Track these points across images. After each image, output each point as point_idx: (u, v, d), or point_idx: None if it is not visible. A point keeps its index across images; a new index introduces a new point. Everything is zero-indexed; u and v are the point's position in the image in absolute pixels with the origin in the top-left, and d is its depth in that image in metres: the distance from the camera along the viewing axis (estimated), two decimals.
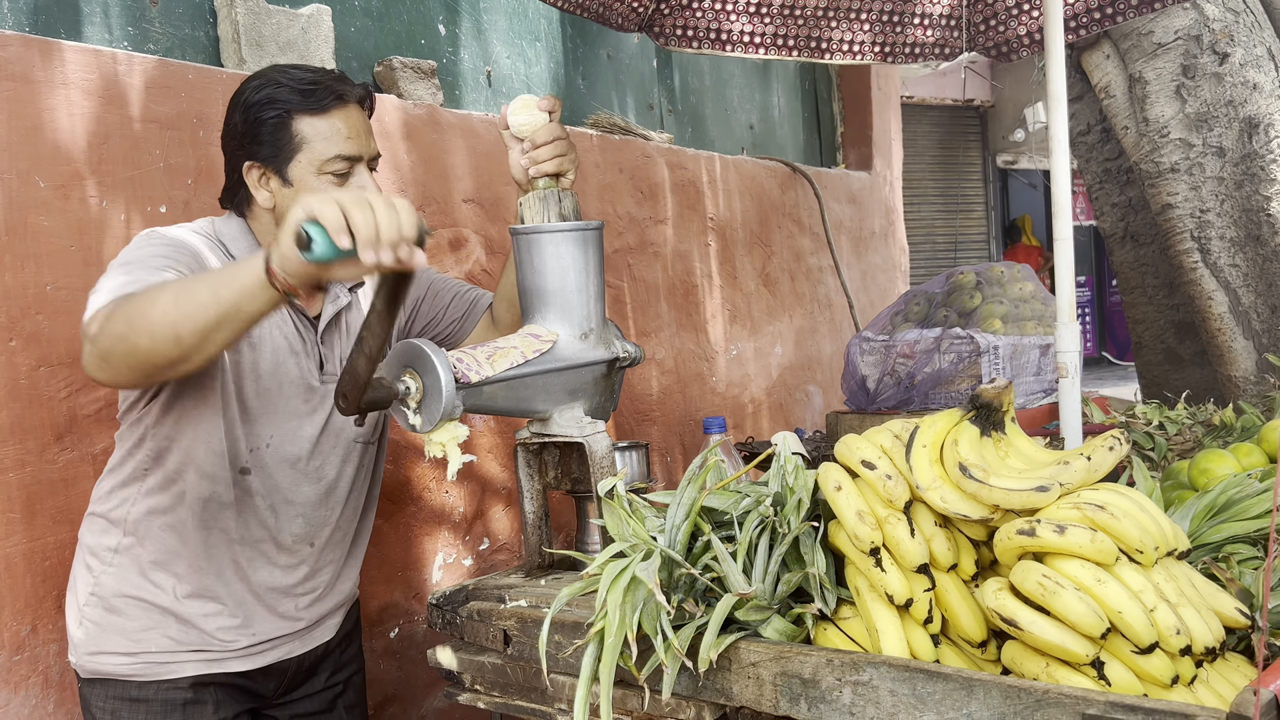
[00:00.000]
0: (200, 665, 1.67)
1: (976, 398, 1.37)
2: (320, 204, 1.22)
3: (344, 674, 1.90)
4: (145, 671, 1.65)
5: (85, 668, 1.67)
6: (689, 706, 1.43)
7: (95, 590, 1.66)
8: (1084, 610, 1.15)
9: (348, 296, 1.78)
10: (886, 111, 4.95)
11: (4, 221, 1.83)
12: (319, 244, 1.22)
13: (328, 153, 1.61)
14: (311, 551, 1.76)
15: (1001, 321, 2.72)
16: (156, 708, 1.65)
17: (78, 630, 1.67)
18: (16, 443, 1.84)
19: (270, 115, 1.59)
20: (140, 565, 1.65)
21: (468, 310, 1.93)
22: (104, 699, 1.65)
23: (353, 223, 1.21)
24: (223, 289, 1.31)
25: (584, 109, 3.42)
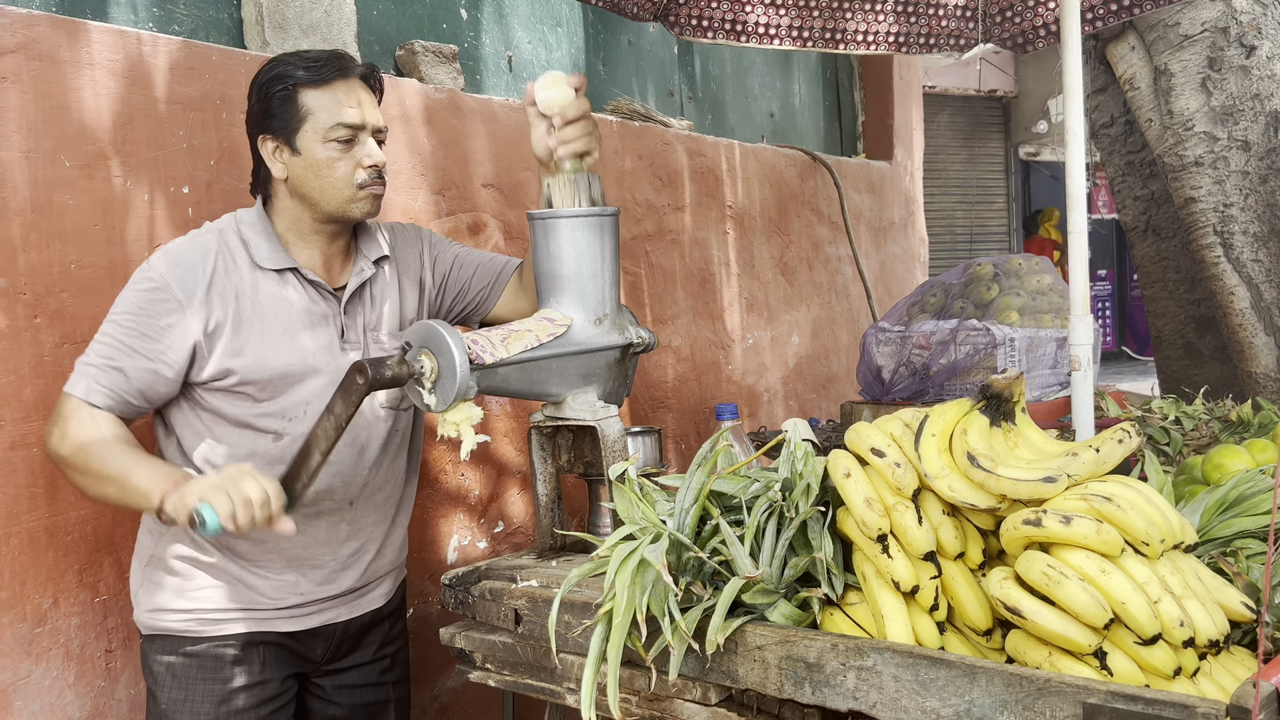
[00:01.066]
0: (250, 623, 1.75)
1: (987, 388, 1.38)
2: (212, 491, 1.51)
3: (391, 648, 1.96)
4: (198, 628, 1.74)
5: (145, 624, 1.77)
6: (695, 687, 1.45)
7: (155, 552, 1.77)
8: (1087, 600, 1.16)
9: (371, 269, 1.83)
10: (908, 101, 4.93)
11: (30, 200, 1.86)
12: (210, 524, 1.50)
13: (331, 121, 1.71)
14: (350, 511, 1.82)
15: (1018, 314, 2.71)
16: (209, 663, 1.73)
17: (140, 589, 1.78)
18: (40, 419, 1.87)
19: (279, 89, 1.71)
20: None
21: (494, 278, 1.98)
22: (160, 653, 1.75)
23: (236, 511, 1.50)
24: (126, 499, 1.61)
25: (604, 95, 3.43)
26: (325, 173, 1.71)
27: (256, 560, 1.76)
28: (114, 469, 1.60)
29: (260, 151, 1.75)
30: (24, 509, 1.85)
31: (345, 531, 1.82)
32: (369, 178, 1.73)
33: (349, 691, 1.89)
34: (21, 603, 1.85)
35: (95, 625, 1.95)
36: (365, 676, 1.91)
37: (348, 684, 1.89)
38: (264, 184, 1.79)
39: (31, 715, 1.86)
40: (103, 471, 1.60)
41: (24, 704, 1.85)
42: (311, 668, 1.86)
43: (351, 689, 1.89)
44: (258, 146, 1.75)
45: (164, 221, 2.05)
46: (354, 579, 1.84)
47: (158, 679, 1.75)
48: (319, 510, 1.78)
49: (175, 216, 2.06)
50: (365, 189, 1.73)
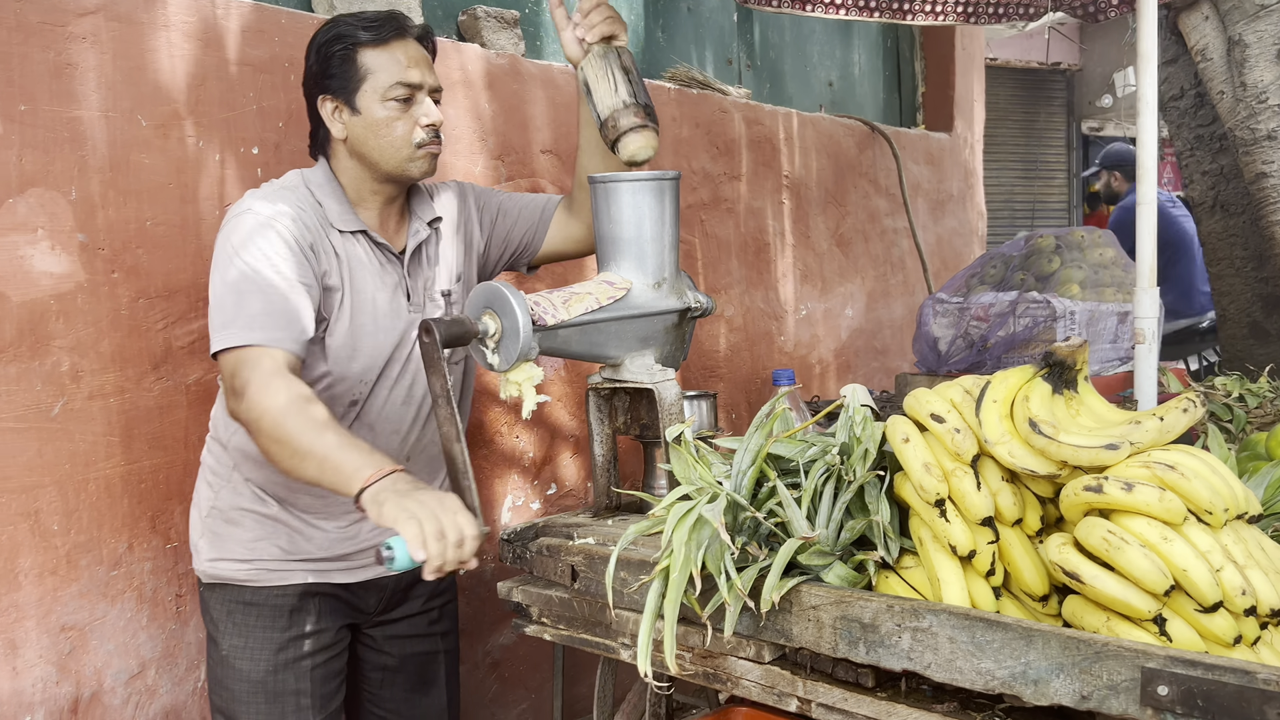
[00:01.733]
0: (307, 574, 1.80)
1: (1050, 355, 1.37)
2: (407, 527, 1.40)
3: (439, 600, 2.00)
4: (258, 578, 1.79)
5: (206, 573, 1.82)
6: (749, 645, 1.47)
7: (215, 504, 1.82)
8: (1148, 566, 1.16)
9: (426, 230, 1.86)
10: (970, 72, 4.84)
11: (108, 158, 1.92)
12: (400, 559, 1.42)
13: (390, 80, 1.73)
14: (405, 465, 1.84)
15: (1080, 287, 2.67)
16: (267, 612, 1.79)
17: (200, 540, 1.83)
18: (116, 370, 1.94)
19: (338, 49, 1.74)
20: (250, 483, 1.80)
21: (538, 218, 2.02)
22: (221, 602, 1.81)
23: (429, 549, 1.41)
24: (324, 475, 1.50)
25: (662, 62, 3.42)
26: (384, 132, 1.74)
27: (314, 513, 1.81)
28: (316, 445, 1.49)
29: (320, 112, 1.77)
30: (101, 456, 1.92)
31: None
32: (427, 136, 1.76)
33: (399, 642, 1.94)
34: (99, 546, 1.92)
35: (167, 570, 2.02)
36: (414, 627, 1.96)
37: (398, 634, 1.95)
38: (323, 145, 1.82)
39: (107, 654, 1.94)
40: (301, 446, 1.50)
41: (99, 643, 1.93)
42: (364, 619, 1.91)
43: (402, 639, 1.95)
44: (317, 107, 1.77)
45: (234, 181, 2.10)
46: None
47: (218, 626, 1.80)
48: None
49: (245, 176, 2.11)
50: (423, 148, 1.76)
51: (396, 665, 1.95)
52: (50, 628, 1.86)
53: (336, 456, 1.48)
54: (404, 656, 1.95)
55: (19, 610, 1.82)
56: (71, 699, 1.89)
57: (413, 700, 1.96)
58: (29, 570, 1.84)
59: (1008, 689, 1.20)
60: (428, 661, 1.98)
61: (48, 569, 1.86)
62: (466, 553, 1.44)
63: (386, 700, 1.96)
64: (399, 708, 1.96)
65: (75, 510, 1.89)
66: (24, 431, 1.82)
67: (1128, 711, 1.11)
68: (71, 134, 1.87)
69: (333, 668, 1.84)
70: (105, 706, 1.94)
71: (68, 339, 1.87)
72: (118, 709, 1.96)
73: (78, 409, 1.89)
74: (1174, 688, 1.07)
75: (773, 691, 1.46)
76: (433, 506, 1.42)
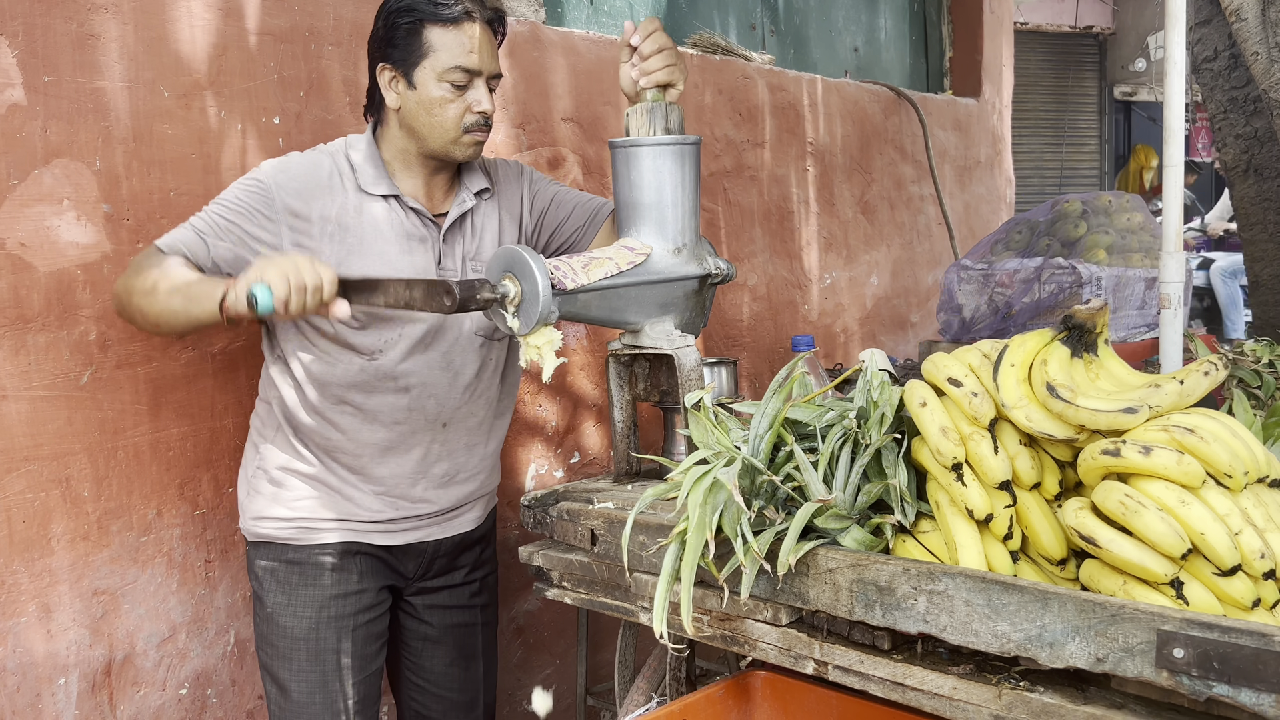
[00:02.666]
0: (347, 534, 1.85)
1: (1069, 318, 1.36)
2: (272, 271, 1.54)
3: (481, 572, 2.04)
4: (300, 536, 1.83)
5: (251, 531, 1.88)
6: (766, 608, 1.48)
7: (260, 464, 1.87)
8: (1165, 530, 1.15)
9: (473, 200, 1.87)
10: (998, 36, 4.77)
11: (132, 129, 1.93)
12: (263, 304, 1.54)
13: (449, 62, 1.73)
14: (445, 434, 1.89)
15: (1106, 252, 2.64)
16: (309, 570, 1.83)
17: (247, 499, 1.89)
18: (143, 340, 1.96)
19: (405, 21, 1.73)
20: (293, 443, 1.84)
21: (590, 219, 2.01)
22: (265, 560, 1.86)
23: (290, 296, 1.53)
24: (191, 307, 1.62)
25: (685, 28, 3.39)
26: (436, 111, 1.74)
27: (354, 472, 1.84)
28: (180, 280, 1.64)
29: (378, 79, 1.79)
30: (129, 424, 1.95)
31: (437, 452, 1.89)
32: (475, 123, 1.77)
33: (440, 612, 1.97)
34: (128, 512, 1.96)
35: (195, 536, 2.06)
36: (455, 598, 1.99)
37: (439, 604, 1.98)
38: (377, 108, 1.84)
39: (138, 618, 1.98)
40: (169, 285, 1.63)
41: (131, 607, 1.97)
42: (404, 583, 1.94)
43: (443, 609, 1.98)
44: (375, 73, 1.79)
45: (255, 151, 2.11)
46: (445, 500, 1.91)
47: (262, 583, 1.85)
48: (413, 429, 1.85)
49: (266, 146, 2.12)
50: (470, 134, 1.77)
51: (438, 636, 1.98)
52: (83, 592, 1.91)
53: (200, 283, 1.63)
54: (445, 627, 1.98)
55: (52, 575, 1.87)
56: (105, 661, 1.94)
57: (452, 673, 2.00)
58: (61, 536, 1.88)
59: (1023, 651, 1.20)
60: (468, 634, 2.02)
61: (79, 534, 1.90)
62: (327, 295, 1.56)
63: (427, 670, 1.99)
64: (439, 679, 1.99)
65: (105, 477, 1.93)
66: (54, 400, 1.85)
67: (1143, 674, 1.11)
68: (95, 105, 1.88)
69: (374, 629, 1.87)
70: (138, 669, 1.98)
71: (95, 308, 1.90)
72: (149, 671, 2.00)
73: (106, 378, 1.92)
74: (1190, 650, 1.07)
75: (790, 654, 1.47)
76: (291, 258, 1.56)
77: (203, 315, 1.61)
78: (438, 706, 2.00)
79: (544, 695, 1.85)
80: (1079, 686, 1.23)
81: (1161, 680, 1.09)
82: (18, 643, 1.83)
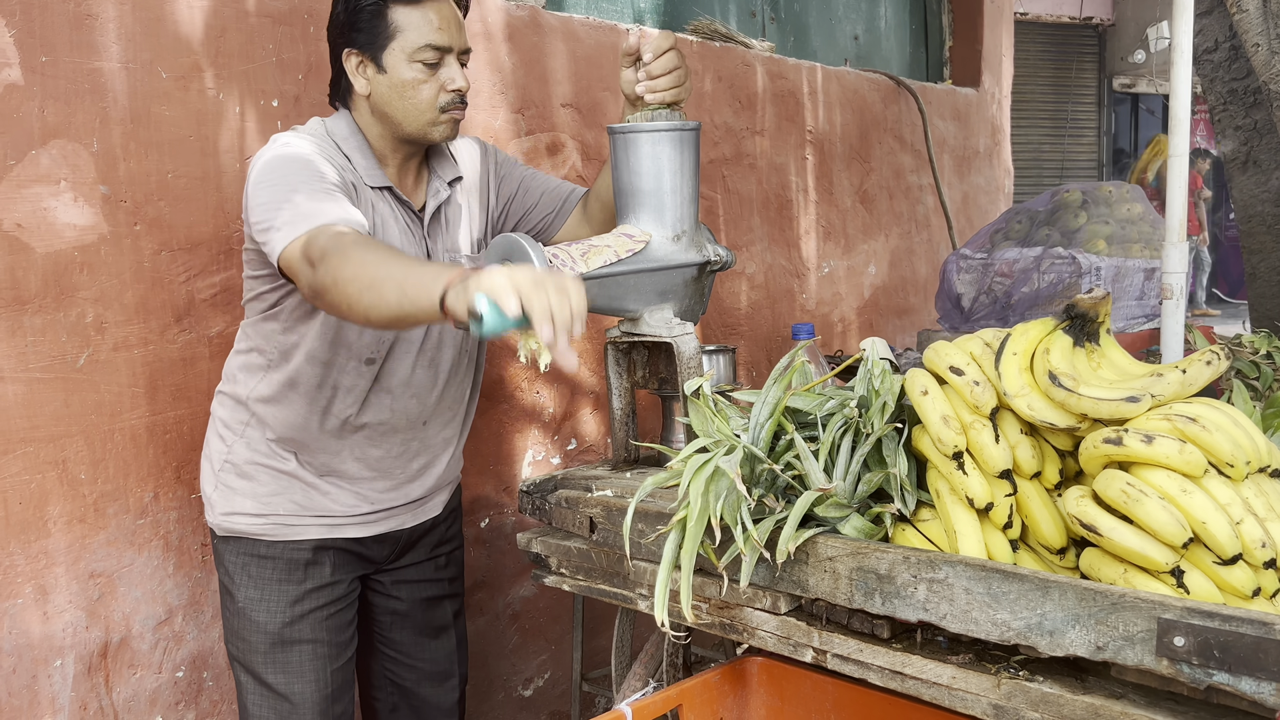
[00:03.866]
0: (321, 530, 1.82)
1: (1072, 307, 1.36)
2: (499, 285, 1.25)
3: (446, 548, 2.04)
4: (272, 532, 1.81)
5: (220, 526, 1.84)
6: (765, 596, 1.48)
7: (229, 458, 1.82)
8: (1166, 519, 1.15)
9: (446, 190, 1.85)
10: (999, 26, 4.75)
11: (130, 110, 1.92)
12: (489, 320, 1.26)
13: (419, 41, 1.69)
14: (423, 431, 1.88)
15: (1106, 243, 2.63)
16: (281, 565, 1.81)
17: (214, 493, 1.84)
18: (140, 322, 1.95)
19: (368, 3, 1.69)
20: (266, 439, 1.81)
21: (559, 206, 1.99)
22: (235, 554, 1.82)
23: (528, 303, 1.24)
24: (406, 301, 1.36)
25: (685, 14, 3.37)
26: (409, 94, 1.71)
27: (331, 469, 1.82)
28: (391, 267, 1.39)
29: (344, 65, 1.74)
30: (126, 407, 1.94)
31: (416, 447, 1.88)
32: (451, 101, 1.73)
33: (407, 586, 1.98)
34: (125, 495, 1.95)
35: (192, 520, 2.05)
36: (422, 573, 2.00)
37: (406, 579, 1.98)
38: (344, 96, 1.79)
39: (135, 600, 1.98)
40: (379, 271, 1.39)
41: (127, 590, 1.97)
42: (374, 568, 1.94)
43: (410, 584, 1.98)
44: (341, 58, 1.74)
45: (254, 134, 2.10)
46: (419, 490, 1.91)
47: (233, 578, 1.82)
48: (394, 427, 1.84)
49: (265, 129, 2.11)
50: (447, 113, 1.74)
51: (405, 610, 1.98)
52: (79, 574, 1.90)
53: (415, 269, 1.38)
54: (413, 601, 1.98)
55: (49, 557, 1.86)
56: (101, 644, 1.94)
57: (422, 643, 2.00)
58: (58, 518, 1.87)
59: (1023, 640, 1.20)
60: (434, 605, 2.02)
61: (76, 516, 1.89)
62: (576, 302, 1.27)
63: (397, 643, 2.00)
64: (409, 650, 2.00)
65: (102, 460, 1.92)
66: (50, 382, 1.84)
67: (1143, 662, 1.11)
68: (92, 85, 1.87)
69: (345, 617, 1.87)
70: (134, 651, 1.98)
71: (92, 290, 1.88)
72: (146, 654, 2.00)
73: (103, 360, 1.91)
74: (1190, 639, 1.07)
75: (788, 642, 1.47)
76: (531, 275, 1.27)
77: (418, 313, 1.36)
78: (410, 676, 2.01)
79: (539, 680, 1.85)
80: (1078, 676, 1.23)
81: (1162, 668, 1.09)
82: (14, 624, 1.82)
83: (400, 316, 1.38)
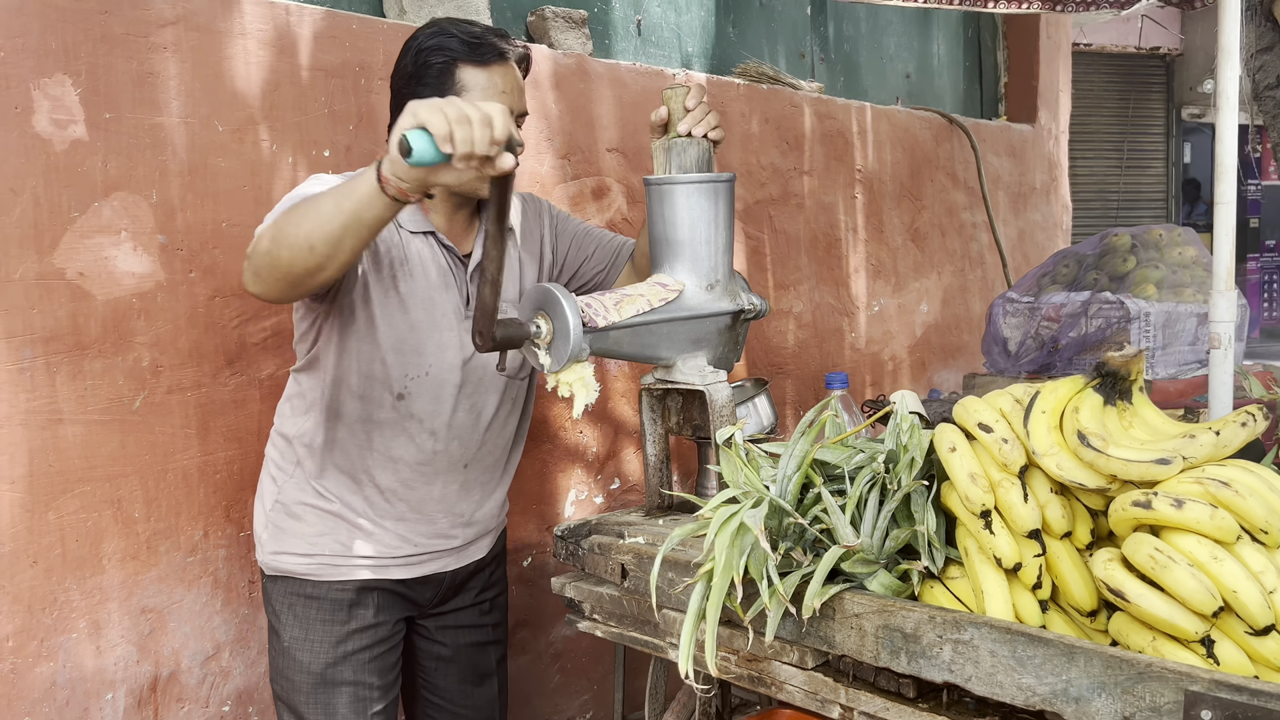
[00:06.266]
0: (367, 570, 1.86)
1: (1102, 365, 1.34)
2: (427, 112, 1.32)
3: (491, 593, 2.06)
4: (319, 572, 1.84)
5: (269, 565, 1.88)
6: (793, 650, 1.47)
7: (279, 498, 1.87)
8: (1195, 586, 1.13)
9: None
10: (1055, 61, 4.71)
11: (187, 162, 2.00)
12: (418, 149, 1.32)
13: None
14: (465, 473, 1.91)
15: (1156, 287, 2.58)
16: (327, 605, 1.84)
17: (264, 532, 1.88)
18: (194, 366, 2.02)
19: (437, 60, 1.74)
20: (314, 479, 1.85)
21: (612, 260, 2.03)
22: (283, 594, 1.86)
23: (454, 135, 1.31)
24: (344, 200, 1.44)
25: (733, 58, 3.41)
26: None
27: (376, 511, 1.85)
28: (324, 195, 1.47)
29: None
30: (179, 447, 2.01)
31: (457, 491, 1.91)
32: None
33: (452, 632, 2.00)
34: (176, 533, 2.02)
35: (240, 558, 2.11)
36: (467, 618, 2.01)
37: (451, 625, 2.00)
38: None
39: (184, 636, 2.03)
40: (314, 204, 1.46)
41: (177, 625, 2.02)
42: (419, 611, 1.96)
43: (455, 629, 2.00)
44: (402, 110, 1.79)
45: None
46: (463, 534, 1.93)
47: (279, 617, 1.86)
48: (437, 470, 1.87)
49: None
50: None
51: (450, 655, 2.00)
52: (131, 610, 1.96)
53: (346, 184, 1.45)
54: (457, 647, 2.00)
55: (103, 592, 1.93)
56: (151, 678, 1.99)
57: (466, 690, 2.02)
58: (112, 555, 1.94)
59: (1049, 706, 1.18)
60: (479, 652, 2.04)
61: (129, 554, 1.96)
62: (499, 130, 1.33)
63: (440, 689, 2.01)
64: (453, 696, 2.01)
65: (155, 499, 1.98)
66: (108, 423, 1.92)
67: None
68: (153, 140, 1.95)
69: (389, 660, 1.89)
70: (182, 685, 2.04)
71: (148, 335, 1.96)
72: (194, 689, 2.05)
73: (157, 402, 1.98)
74: (1218, 712, 1.05)
75: (816, 698, 1.46)
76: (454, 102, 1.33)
77: (360, 205, 1.42)
78: None
79: None
80: None
81: None
82: (69, 658, 1.89)
83: (344, 218, 1.43)
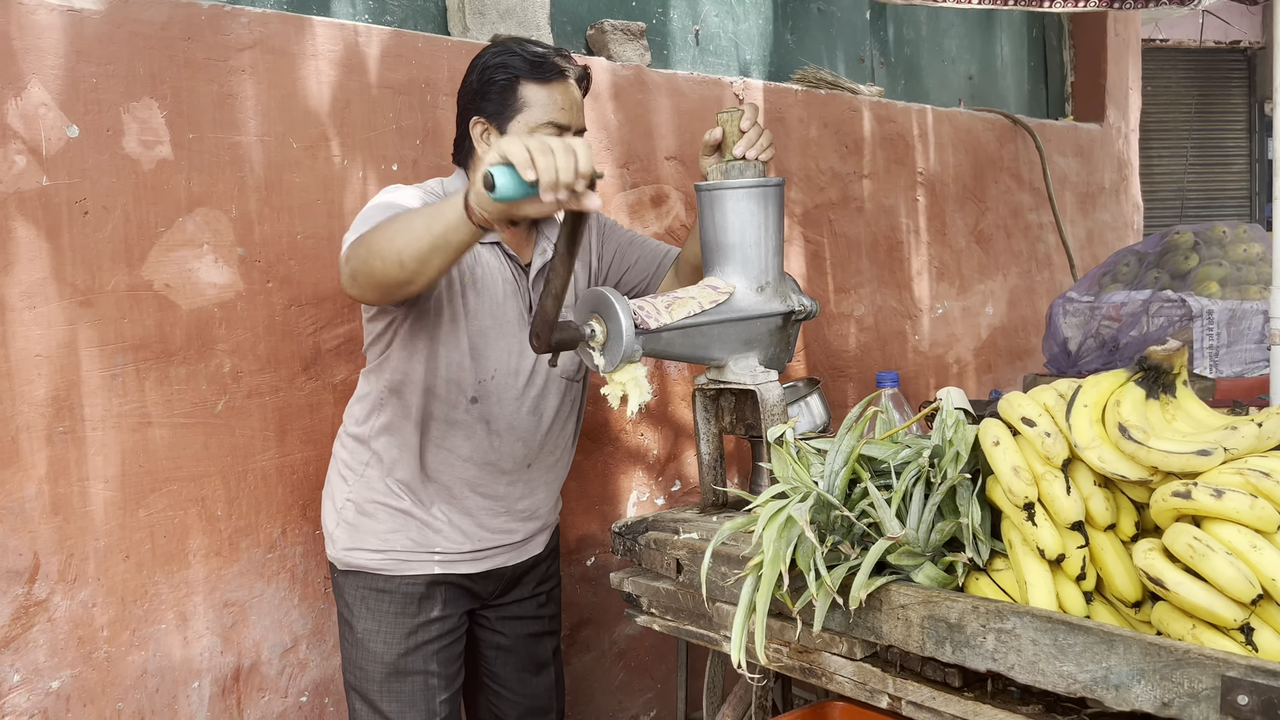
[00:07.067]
0: (436, 566, 1.95)
1: (1145, 359, 1.35)
2: (509, 145, 1.39)
3: (546, 586, 2.14)
4: (390, 567, 1.93)
5: (341, 560, 1.97)
6: (841, 641, 1.51)
7: (350, 497, 1.97)
8: (1234, 575, 1.14)
9: (553, 249, 1.95)
10: (1124, 58, 4.64)
11: (264, 178, 2.11)
12: (501, 185, 1.39)
13: (542, 118, 1.82)
14: (528, 473, 2.00)
15: (1219, 285, 2.54)
16: (398, 599, 1.93)
17: (336, 529, 1.98)
18: (271, 371, 2.13)
19: (501, 78, 1.83)
20: (385, 478, 1.94)
21: (655, 268, 2.10)
22: (355, 588, 1.95)
23: (536, 164, 1.37)
24: (434, 223, 1.53)
25: (791, 64, 3.44)
26: None
27: (443, 509, 1.94)
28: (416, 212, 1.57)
29: (470, 130, 1.88)
30: (258, 449, 2.12)
31: (521, 490, 1.99)
32: None
33: (512, 623, 2.08)
34: (256, 530, 2.13)
35: (316, 555, 2.21)
36: (526, 610, 2.10)
37: (510, 616, 2.08)
38: (465, 158, 1.94)
39: (264, 629, 2.14)
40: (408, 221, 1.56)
41: (258, 618, 2.13)
42: (480, 603, 2.05)
43: (514, 620, 2.09)
44: (468, 124, 1.89)
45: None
46: (524, 530, 2.02)
47: (353, 610, 1.95)
48: (502, 469, 1.95)
49: None
50: None
51: (510, 645, 2.08)
52: (215, 603, 2.08)
53: (436, 207, 1.54)
54: (516, 637, 2.09)
55: (189, 586, 2.04)
56: (234, 668, 2.10)
57: (524, 678, 2.10)
58: (197, 551, 2.05)
59: (1089, 693, 1.20)
60: (536, 641, 2.12)
61: (213, 550, 2.07)
62: (583, 163, 1.38)
63: (501, 677, 2.10)
64: (512, 684, 2.10)
65: (236, 498, 2.10)
66: (192, 426, 2.04)
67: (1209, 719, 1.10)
68: (232, 157, 2.07)
69: (454, 650, 1.98)
70: (263, 676, 2.14)
71: (229, 343, 2.07)
72: (273, 679, 2.16)
73: (238, 406, 2.09)
74: (1255, 697, 1.06)
75: (865, 688, 1.50)
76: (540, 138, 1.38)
77: (448, 229, 1.50)
78: (512, 711, 2.11)
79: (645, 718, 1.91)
80: None
81: None
82: (158, 648, 2.01)
83: (433, 239, 1.51)
